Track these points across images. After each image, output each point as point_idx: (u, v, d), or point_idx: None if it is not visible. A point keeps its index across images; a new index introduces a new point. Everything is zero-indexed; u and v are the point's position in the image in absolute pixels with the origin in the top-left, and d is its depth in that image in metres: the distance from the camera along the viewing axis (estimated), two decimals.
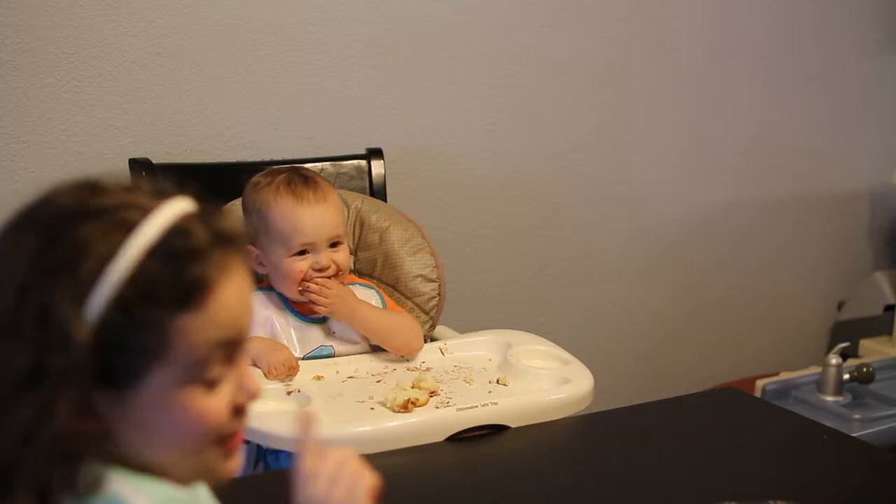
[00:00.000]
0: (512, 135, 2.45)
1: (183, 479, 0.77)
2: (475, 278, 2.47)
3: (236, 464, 0.80)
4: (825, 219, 3.02)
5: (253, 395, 0.79)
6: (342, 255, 1.64)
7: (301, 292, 1.61)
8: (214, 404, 0.75)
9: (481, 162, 2.42)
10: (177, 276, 0.71)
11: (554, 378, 1.58)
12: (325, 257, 1.61)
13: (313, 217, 1.59)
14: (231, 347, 0.76)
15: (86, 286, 0.69)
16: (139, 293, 0.70)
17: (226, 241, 0.75)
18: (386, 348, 1.66)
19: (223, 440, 0.78)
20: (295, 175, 1.63)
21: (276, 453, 1.50)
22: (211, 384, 0.75)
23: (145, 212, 0.73)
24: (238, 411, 0.78)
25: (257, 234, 1.62)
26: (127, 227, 0.71)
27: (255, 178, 1.66)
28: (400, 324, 1.68)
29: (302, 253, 1.60)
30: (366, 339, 1.67)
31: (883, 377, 2.29)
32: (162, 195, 0.75)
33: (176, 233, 0.72)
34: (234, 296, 0.75)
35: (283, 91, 2.14)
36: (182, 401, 0.73)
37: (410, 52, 2.28)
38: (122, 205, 0.73)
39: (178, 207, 0.74)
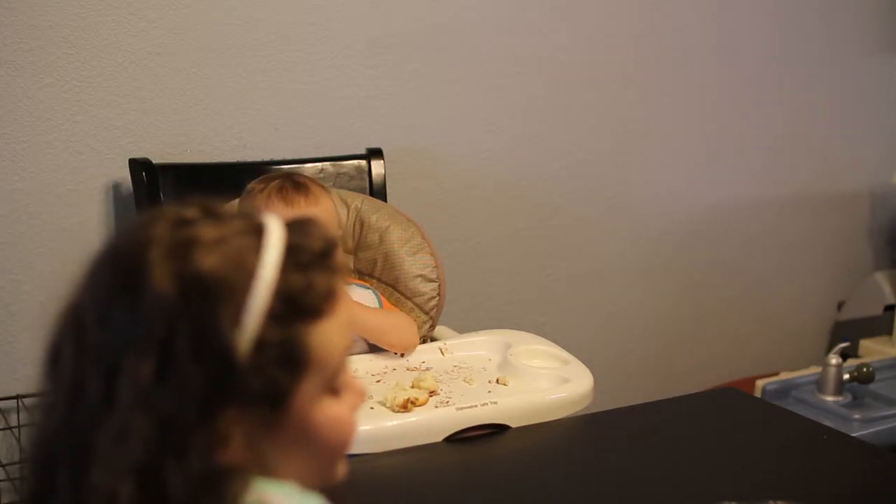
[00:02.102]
0: (512, 135, 2.45)
1: (305, 487, 0.75)
2: (475, 278, 2.47)
3: (345, 469, 0.80)
4: (825, 219, 3.02)
5: (363, 395, 0.79)
6: None
7: None
8: (346, 411, 0.76)
9: (481, 162, 2.42)
10: (311, 285, 0.71)
11: (554, 378, 1.58)
12: None
13: None
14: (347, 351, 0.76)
15: (238, 306, 0.68)
16: (285, 305, 0.69)
17: (328, 248, 0.75)
18: (382, 346, 1.66)
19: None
20: (287, 181, 1.64)
21: None
22: (338, 391, 0.75)
23: (259, 229, 0.72)
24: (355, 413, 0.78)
25: None
26: (255, 245, 0.70)
27: (250, 184, 1.67)
28: (394, 322, 1.69)
29: None
30: (364, 338, 1.68)
31: (883, 377, 2.29)
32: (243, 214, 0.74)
33: (294, 245, 0.72)
34: (348, 299, 0.75)
35: (282, 91, 2.14)
36: (323, 412, 0.73)
37: (410, 52, 2.28)
38: (235, 227, 0.71)
39: (274, 220, 0.74)
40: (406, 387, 1.49)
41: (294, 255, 0.71)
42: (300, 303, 0.71)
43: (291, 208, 1.59)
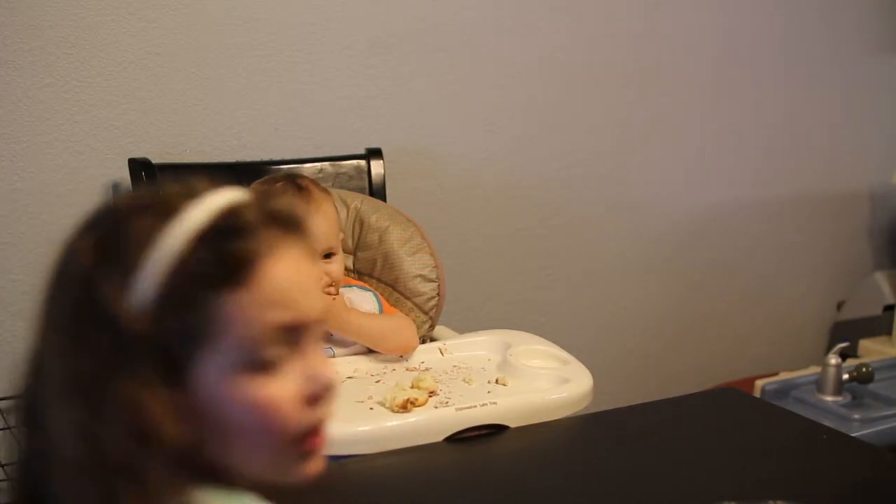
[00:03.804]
0: (512, 135, 2.45)
1: (267, 489, 0.74)
2: (475, 278, 2.47)
3: (317, 466, 0.75)
4: (825, 219, 3.02)
5: (326, 385, 0.73)
6: (335, 267, 1.64)
7: None
8: (277, 391, 0.71)
9: (481, 162, 2.42)
10: (221, 253, 0.69)
11: (553, 378, 1.58)
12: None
13: None
14: (292, 332, 0.72)
15: (129, 274, 0.69)
16: (185, 275, 0.69)
17: (277, 220, 0.73)
18: (381, 351, 1.66)
19: (300, 438, 0.73)
20: (290, 185, 1.64)
21: None
22: (269, 369, 0.71)
23: (194, 199, 0.72)
24: (311, 402, 0.72)
25: None
26: (171, 213, 0.71)
27: (253, 185, 1.66)
28: (391, 326, 1.69)
29: None
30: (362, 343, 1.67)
31: (882, 377, 2.29)
32: (217, 187, 0.74)
33: (223, 214, 0.71)
34: (286, 274, 0.72)
35: (282, 91, 2.14)
36: (242, 388, 0.70)
37: (410, 52, 2.28)
38: (172, 197, 0.73)
39: (230, 195, 0.73)
40: (405, 387, 1.49)
41: (215, 224, 0.70)
42: (203, 271, 0.69)
43: None
